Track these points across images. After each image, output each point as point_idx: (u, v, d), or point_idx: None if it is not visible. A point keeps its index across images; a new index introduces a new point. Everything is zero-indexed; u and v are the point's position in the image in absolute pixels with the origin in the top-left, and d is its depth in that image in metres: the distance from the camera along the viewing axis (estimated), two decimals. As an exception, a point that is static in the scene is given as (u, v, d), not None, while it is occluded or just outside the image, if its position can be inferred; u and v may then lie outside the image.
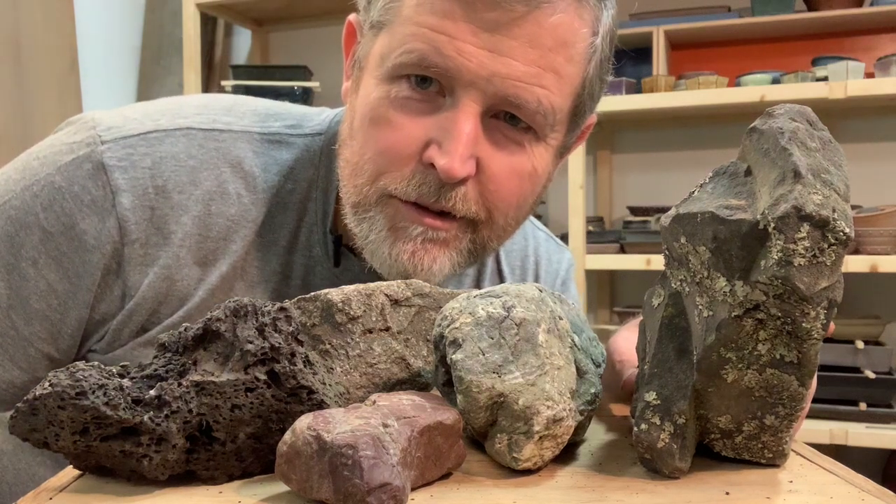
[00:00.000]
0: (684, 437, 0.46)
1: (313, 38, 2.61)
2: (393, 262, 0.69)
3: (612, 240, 2.14)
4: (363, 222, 0.70)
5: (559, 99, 0.68)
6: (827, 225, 0.41)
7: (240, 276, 0.74)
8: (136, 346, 0.72)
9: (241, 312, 0.46)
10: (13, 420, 0.43)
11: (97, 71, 2.32)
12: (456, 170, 0.64)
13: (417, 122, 0.66)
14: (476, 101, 0.65)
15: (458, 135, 0.64)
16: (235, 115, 0.78)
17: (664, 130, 2.36)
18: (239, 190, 0.74)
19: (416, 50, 0.65)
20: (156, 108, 0.77)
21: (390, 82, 0.67)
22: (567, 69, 0.67)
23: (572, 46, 0.67)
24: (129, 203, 0.70)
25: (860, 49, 2.17)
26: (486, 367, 0.46)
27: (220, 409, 0.45)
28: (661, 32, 2.12)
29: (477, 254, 0.73)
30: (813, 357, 0.44)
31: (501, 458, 0.47)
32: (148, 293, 0.71)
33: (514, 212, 0.72)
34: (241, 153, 0.75)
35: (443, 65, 0.64)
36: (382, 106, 0.67)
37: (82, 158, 0.71)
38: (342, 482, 0.39)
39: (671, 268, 0.49)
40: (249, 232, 0.74)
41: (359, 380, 0.55)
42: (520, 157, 0.69)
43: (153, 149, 0.72)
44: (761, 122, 0.47)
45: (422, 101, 0.67)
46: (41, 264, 0.70)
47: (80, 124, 0.74)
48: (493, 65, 0.64)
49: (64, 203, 0.70)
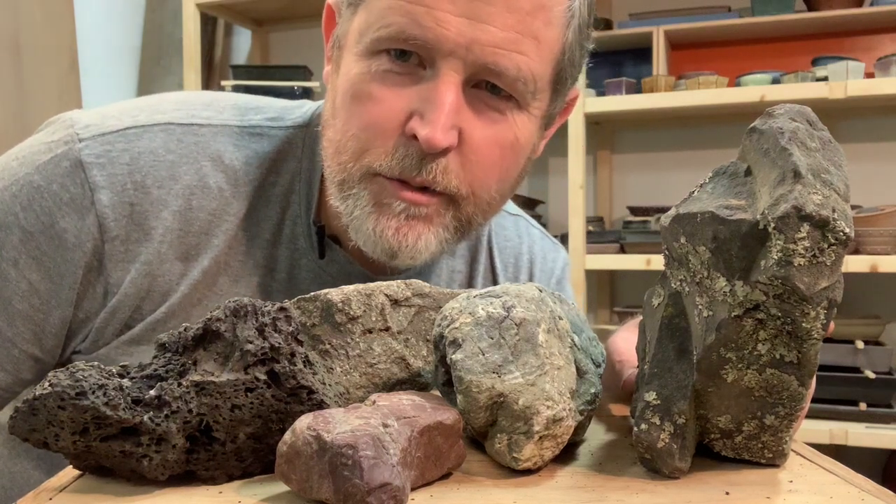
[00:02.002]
0: (684, 437, 0.46)
1: (313, 38, 2.61)
2: (377, 238, 0.68)
3: (612, 240, 2.14)
4: (348, 199, 0.70)
5: (539, 65, 0.68)
6: (827, 225, 0.41)
7: (223, 271, 0.74)
8: (120, 345, 0.72)
9: (241, 312, 0.46)
10: (13, 420, 0.43)
11: (97, 71, 2.32)
12: (438, 139, 0.64)
13: (399, 94, 0.66)
14: (456, 70, 0.65)
15: (439, 104, 0.64)
16: (215, 109, 0.77)
17: (664, 130, 2.36)
18: (220, 183, 0.74)
19: (394, 23, 0.65)
20: (134, 105, 0.77)
21: (370, 57, 0.67)
22: (545, 34, 0.67)
23: (550, 10, 0.67)
24: (109, 200, 0.70)
25: (860, 49, 2.17)
26: (486, 367, 0.46)
27: (220, 409, 0.45)
28: (661, 32, 2.12)
29: (463, 230, 0.72)
30: (813, 357, 0.44)
31: (501, 458, 0.47)
32: (130, 290, 0.71)
33: (496, 184, 0.71)
34: (221, 147, 0.75)
35: (422, 36, 0.64)
36: (363, 81, 0.67)
37: (60, 157, 0.70)
38: (342, 482, 0.39)
39: (671, 268, 0.49)
40: (231, 226, 0.74)
41: (359, 380, 0.55)
42: (502, 126, 0.69)
43: (131, 144, 0.72)
44: (761, 122, 0.47)
45: (402, 74, 0.67)
46: (22, 264, 0.70)
47: (59, 124, 0.74)
48: (471, 32, 0.64)
49: (43, 202, 0.70)
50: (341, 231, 0.75)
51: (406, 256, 0.69)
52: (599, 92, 2.15)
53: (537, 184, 2.47)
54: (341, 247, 0.77)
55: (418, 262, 0.70)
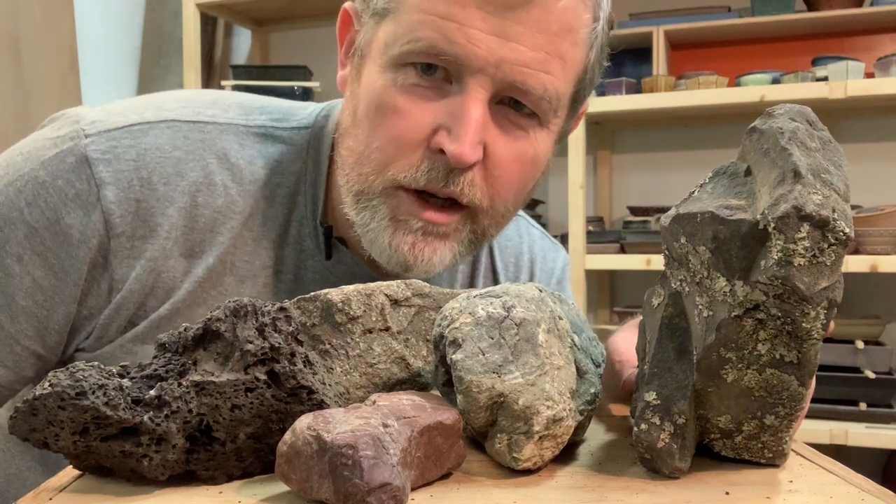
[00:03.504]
0: (684, 437, 0.46)
1: (313, 38, 2.61)
2: (393, 252, 0.69)
3: (612, 240, 2.14)
4: (364, 210, 0.70)
5: (563, 85, 0.69)
6: (827, 225, 0.41)
7: (228, 271, 0.74)
8: (124, 343, 0.72)
9: (241, 312, 0.46)
10: (13, 420, 0.43)
11: (97, 71, 2.32)
12: (467, 155, 0.65)
13: (425, 108, 0.67)
14: (484, 86, 0.65)
15: (467, 120, 0.65)
16: (220, 107, 0.77)
17: (664, 130, 2.36)
18: (225, 181, 0.74)
19: (424, 38, 0.65)
20: (139, 102, 0.77)
21: (396, 69, 0.67)
22: (572, 54, 0.68)
23: (577, 32, 0.68)
24: (114, 196, 0.70)
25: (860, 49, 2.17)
26: (486, 367, 0.46)
27: (220, 409, 0.45)
28: (661, 32, 2.12)
29: (477, 242, 0.73)
30: (813, 357, 0.44)
31: (501, 458, 0.47)
32: (135, 286, 0.71)
33: (514, 198, 0.72)
34: (227, 145, 0.75)
35: (452, 52, 0.64)
36: (388, 93, 0.67)
37: (66, 152, 0.70)
38: (342, 482, 0.39)
39: (671, 268, 0.49)
40: (237, 224, 0.74)
41: (359, 380, 0.55)
42: (524, 143, 0.70)
43: (137, 141, 0.72)
44: (761, 122, 0.47)
45: (429, 88, 0.67)
46: (26, 260, 0.69)
47: (64, 119, 0.74)
48: (501, 50, 0.64)
49: (48, 198, 0.69)
50: (349, 233, 0.75)
51: (420, 271, 0.70)
52: (599, 92, 2.14)
53: (537, 184, 2.47)
54: (348, 248, 0.77)
55: (431, 274, 0.71)
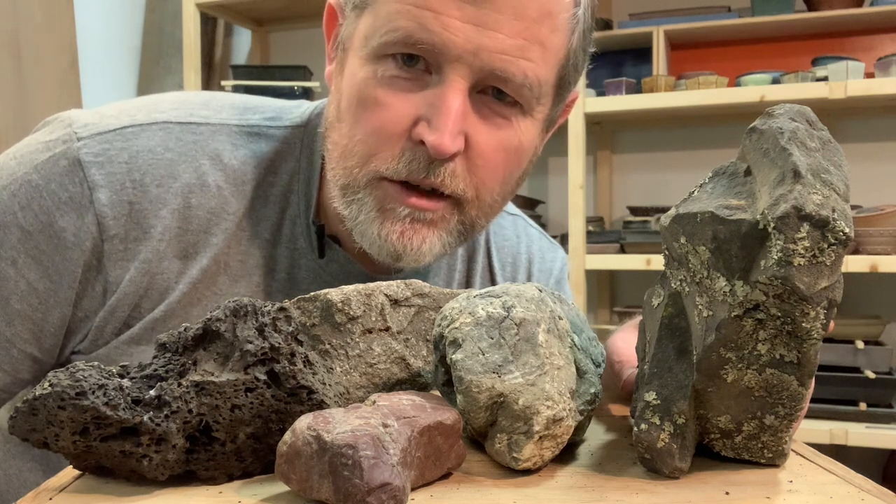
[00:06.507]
0: (684, 437, 0.46)
1: (313, 38, 2.61)
2: (382, 242, 0.69)
3: (612, 240, 2.14)
4: (352, 204, 0.70)
5: (544, 71, 0.68)
6: (827, 225, 0.41)
7: (222, 271, 0.74)
8: (119, 345, 0.72)
9: (241, 312, 0.46)
10: (13, 420, 0.43)
11: (97, 71, 2.32)
12: (446, 146, 0.65)
13: (405, 99, 0.66)
14: (463, 76, 0.65)
15: (446, 111, 0.65)
16: (213, 108, 0.77)
17: (664, 130, 2.36)
18: (219, 182, 0.74)
19: (401, 28, 0.65)
20: (132, 104, 0.77)
21: (376, 62, 0.67)
22: (552, 40, 0.67)
23: (556, 17, 0.67)
24: (107, 199, 0.70)
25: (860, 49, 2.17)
26: (486, 367, 0.46)
27: (220, 409, 0.45)
28: (661, 32, 2.13)
29: (467, 233, 0.73)
30: (813, 357, 0.44)
31: (501, 458, 0.47)
32: (129, 288, 0.71)
33: (500, 187, 0.72)
34: (220, 146, 0.75)
35: (429, 41, 0.64)
36: (369, 86, 0.67)
37: (59, 156, 0.70)
38: (342, 482, 0.39)
39: (671, 268, 0.49)
40: (230, 224, 0.74)
41: (359, 380, 0.55)
42: (507, 132, 0.69)
43: (129, 143, 0.72)
44: (761, 122, 0.47)
45: (409, 79, 0.67)
46: (20, 264, 0.70)
47: (57, 123, 0.74)
48: (479, 38, 0.64)
49: (41, 201, 0.69)
50: (341, 231, 0.75)
51: (410, 259, 0.69)
52: (599, 92, 2.15)
53: (537, 184, 2.47)
54: (341, 246, 0.77)
55: (421, 264, 0.70)
